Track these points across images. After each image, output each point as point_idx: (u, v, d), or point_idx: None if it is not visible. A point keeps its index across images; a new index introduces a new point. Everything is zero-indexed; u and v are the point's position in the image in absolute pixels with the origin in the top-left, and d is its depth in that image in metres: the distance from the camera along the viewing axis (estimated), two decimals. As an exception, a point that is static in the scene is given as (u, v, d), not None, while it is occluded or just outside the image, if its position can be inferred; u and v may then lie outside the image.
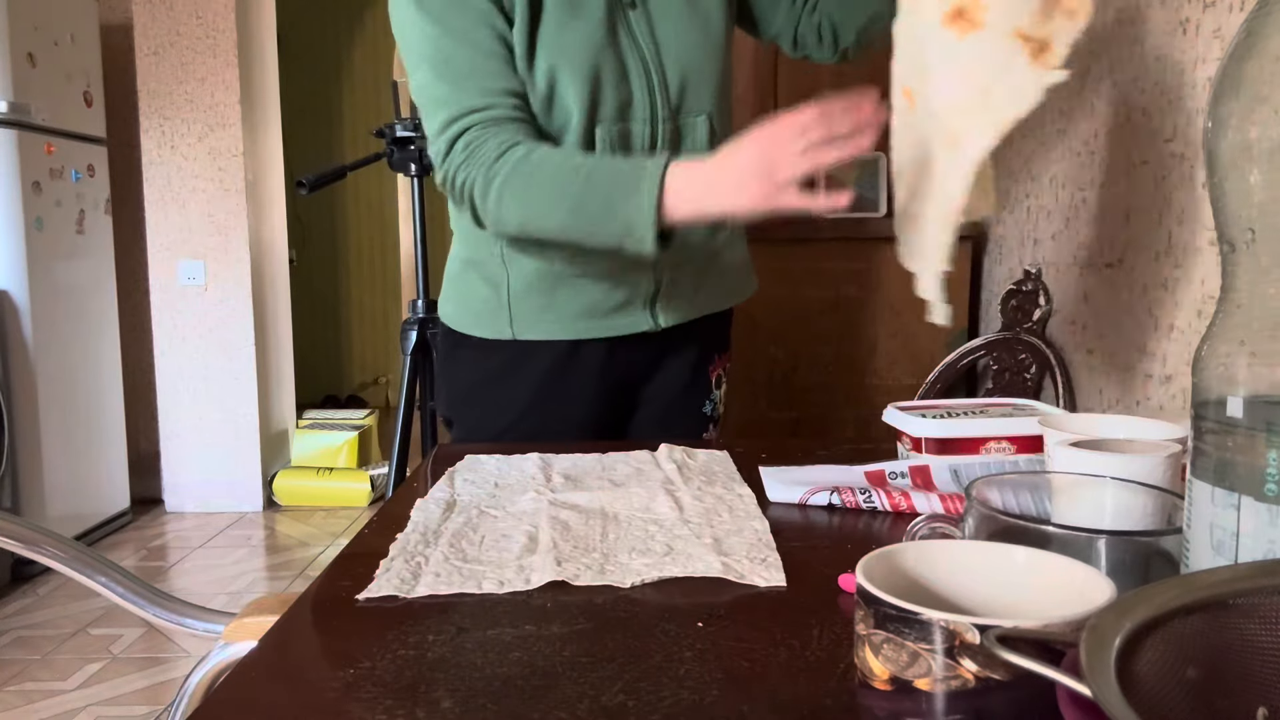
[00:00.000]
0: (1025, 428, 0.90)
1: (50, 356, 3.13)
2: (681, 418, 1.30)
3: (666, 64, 1.15)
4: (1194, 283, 1.42)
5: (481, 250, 1.21)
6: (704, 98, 1.18)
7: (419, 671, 0.53)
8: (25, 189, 3.01)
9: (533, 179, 1.03)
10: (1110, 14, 1.67)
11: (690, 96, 1.17)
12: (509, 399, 1.23)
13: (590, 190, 1.01)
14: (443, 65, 1.07)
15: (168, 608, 1.18)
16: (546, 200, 1.04)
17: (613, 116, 1.13)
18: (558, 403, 1.23)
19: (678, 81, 1.16)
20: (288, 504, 3.83)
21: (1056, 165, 1.92)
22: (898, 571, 0.50)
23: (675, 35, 1.16)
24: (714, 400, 1.33)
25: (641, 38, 1.14)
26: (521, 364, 1.22)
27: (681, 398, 1.30)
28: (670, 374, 1.29)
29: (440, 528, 0.79)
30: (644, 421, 1.31)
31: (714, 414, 1.34)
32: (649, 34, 1.15)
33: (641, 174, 0.99)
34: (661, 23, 1.16)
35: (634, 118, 1.14)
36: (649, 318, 1.22)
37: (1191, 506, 0.49)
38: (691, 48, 1.17)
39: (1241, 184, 0.45)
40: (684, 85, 1.17)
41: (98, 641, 2.55)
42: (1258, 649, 0.38)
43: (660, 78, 1.15)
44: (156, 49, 3.63)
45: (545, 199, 1.04)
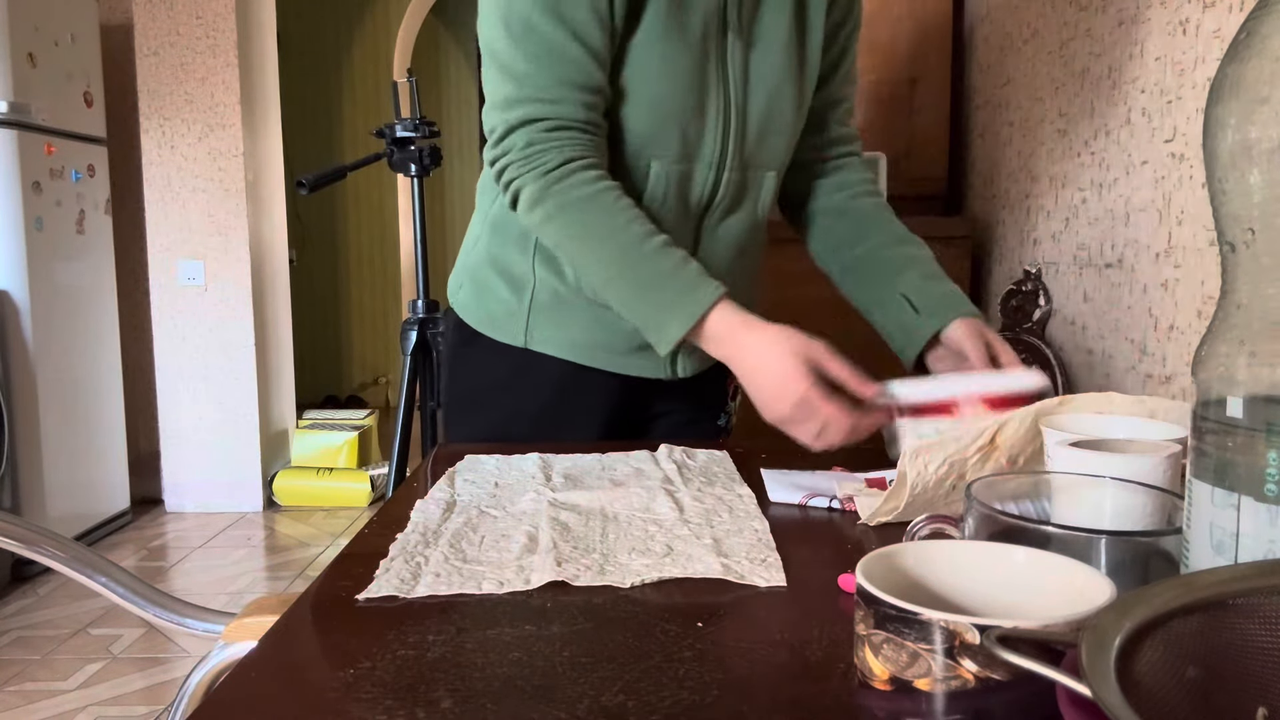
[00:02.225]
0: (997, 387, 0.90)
1: (50, 356, 3.13)
2: (694, 431, 1.23)
3: (751, 108, 1.04)
4: (1194, 283, 1.42)
5: (512, 251, 1.12)
6: (778, 152, 1.08)
7: (419, 671, 0.53)
8: (25, 189, 3.01)
9: (585, 227, 0.98)
10: (1110, 14, 1.67)
11: (766, 149, 1.07)
12: (513, 408, 1.17)
13: (635, 276, 0.97)
14: (523, 34, 0.95)
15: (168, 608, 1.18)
16: (589, 256, 0.99)
17: (675, 156, 1.02)
18: (563, 418, 1.16)
19: (757, 130, 1.05)
20: (288, 504, 3.83)
21: (1056, 165, 1.92)
22: (898, 571, 0.50)
23: (768, 74, 1.05)
24: (729, 412, 1.26)
25: (733, 71, 1.03)
26: (530, 374, 1.15)
27: (698, 412, 1.23)
28: (686, 393, 1.21)
29: (440, 528, 0.79)
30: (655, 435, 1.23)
31: (727, 425, 1.27)
32: (741, 67, 1.03)
33: (688, 299, 0.95)
34: (758, 54, 1.03)
35: (699, 160, 1.04)
36: (667, 367, 1.14)
37: (1191, 506, 0.49)
38: (781, 94, 1.06)
39: (1241, 184, 0.45)
40: (763, 135, 1.06)
41: (98, 641, 2.55)
42: (1258, 649, 0.38)
43: (740, 123, 1.04)
44: (156, 49, 3.63)
45: (589, 253, 0.99)
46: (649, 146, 1.02)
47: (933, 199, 2.41)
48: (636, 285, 0.97)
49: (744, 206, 1.10)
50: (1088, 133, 1.77)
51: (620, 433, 1.21)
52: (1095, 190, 1.74)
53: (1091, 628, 0.38)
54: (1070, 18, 1.84)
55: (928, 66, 2.35)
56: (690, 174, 1.04)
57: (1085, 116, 1.78)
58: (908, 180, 2.36)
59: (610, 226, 0.97)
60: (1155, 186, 1.53)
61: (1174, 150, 1.47)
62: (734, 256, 1.13)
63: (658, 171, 1.03)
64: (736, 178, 1.07)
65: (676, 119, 1.01)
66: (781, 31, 1.04)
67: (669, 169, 1.03)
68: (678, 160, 1.03)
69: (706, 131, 1.03)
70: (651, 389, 1.18)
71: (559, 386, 1.15)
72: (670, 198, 1.04)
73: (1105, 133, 1.70)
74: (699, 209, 1.08)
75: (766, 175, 1.09)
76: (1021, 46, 2.10)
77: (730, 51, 1.02)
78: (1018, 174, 2.12)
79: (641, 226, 0.98)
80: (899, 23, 2.34)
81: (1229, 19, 1.31)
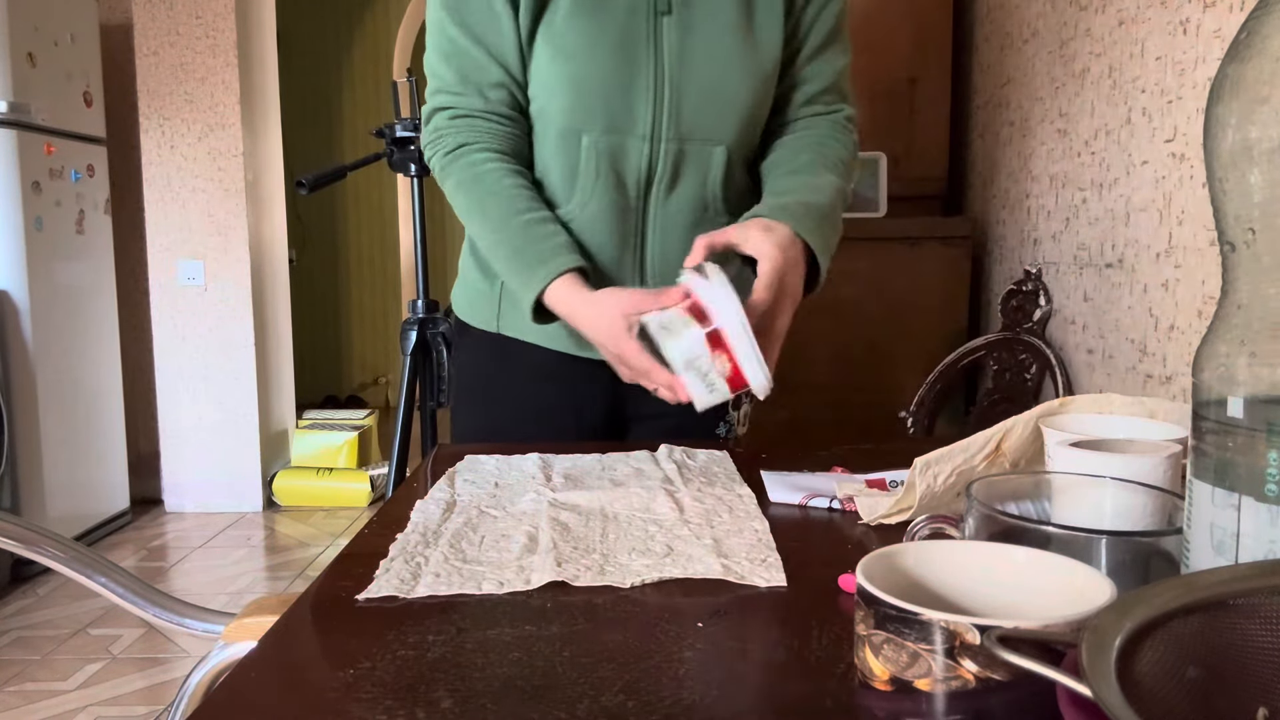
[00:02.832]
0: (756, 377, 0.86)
1: (50, 356, 3.13)
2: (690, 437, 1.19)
3: (686, 82, 1.07)
4: (1194, 283, 1.42)
5: None
6: (726, 127, 1.10)
7: (419, 671, 0.53)
8: (25, 189, 3.01)
9: (471, 201, 1.09)
10: (1110, 14, 1.67)
11: (708, 122, 1.09)
12: (496, 396, 1.20)
13: (506, 247, 1.07)
14: (438, 38, 1.10)
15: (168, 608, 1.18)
16: (475, 227, 1.11)
17: (604, 128, 1.07)
18: (546, 407, 1.18)
19: (695, 103, 1.08)
20: (287, 504, 3.83)
21: (1056, 165, 1.91)
22: (898, 572, 0.50)
23: (709, 53, 1.07)
24: (729, 421, 1.24)
25: (667, 48, 1.06)
26: (508, 361, 1.18)
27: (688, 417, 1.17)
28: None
29: (440, 528, 0.79)
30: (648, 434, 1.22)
31: (729, 435, 1.24)
32: (677, 46, 1.06)
33: (537, 273, 1.03)
34: (698, 36, 1.07)
35: (632, 132, 1.07)
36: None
37: (1191, 507, 0.49)
38: (726, 71, 1.08)
39: (1241, 184, 0.45)
40: (702, 109, 1.08)
41: (97, 642, 2.55)
42: (1258, 649, 0.38)
43: (674, 95, 1.07)
44: (156, 49, 3.63)
45: (475, 225, 1.11)
46: (577, 120, 1.08)
47: (933, 199, 2.41)
48: (506, 256, 1.07)
49: (689, 180, 1.11)
50: (1088, 133, 1.77)
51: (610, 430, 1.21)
52: (1095, 190, 1.74)
53: (1091, 628, 0.38)
54: (1070, 18, 1.84)
55: (928, 66, 2.35)
56: (623, 146, 1.09)
57: (1085, 116, 1.78)
58: (908, 180, 2.36)
59: (489, 202, 1.08)
60: (1155, 186, 1.53)
61: (1174, 150, 1.47)
62: (685, 234, 1.12)
63: (588, 144, 1.08)
64: (674, 149, 1.09)
65: (600, 93, 1.06)
66: (727, 12, 1.08)
67: (598, 140, 1.08)
68: (607, 132, 1.08)
69: (636, 104, 1.07)
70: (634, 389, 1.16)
71: (537, 374, 1.18)
72: (604, 170, 1.09)
73: (1105, 133, 1.70)
74: (640, 183, 1.11)
75: (715, 149, 1.11)
76: (1021, 46, 2.10)
77: (664, 30, 1.07)
78: (1018, 174, 2.12)
79: (521, 203, 1.07)
80: (899, 23, 2.34)
81: (1229, 19, 1.31)
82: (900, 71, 2.35)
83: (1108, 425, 0.75)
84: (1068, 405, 0.78)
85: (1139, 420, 0.75)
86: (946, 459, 0.75)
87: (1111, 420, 0.75)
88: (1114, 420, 0.75)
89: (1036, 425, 0.75)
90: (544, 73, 1.07)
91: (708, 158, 1.11)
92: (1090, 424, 0.75)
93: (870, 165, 2.26)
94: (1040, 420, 0.75)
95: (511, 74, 1.09)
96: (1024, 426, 0.75)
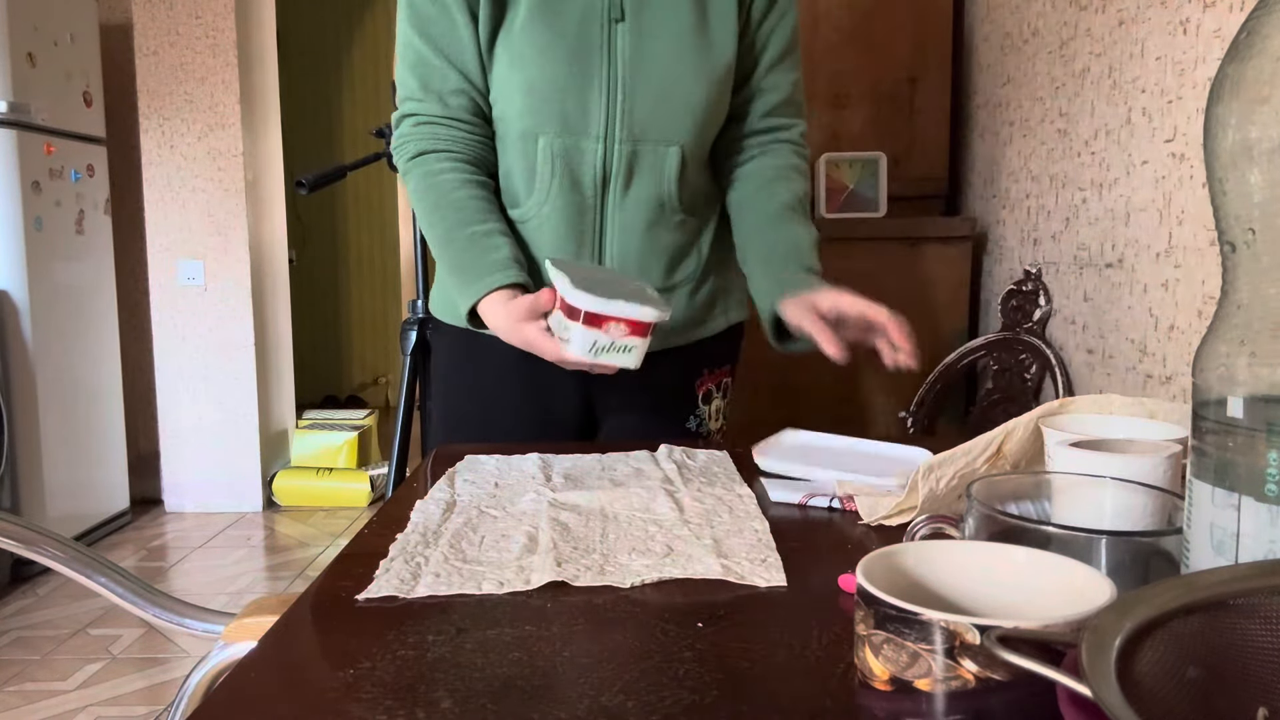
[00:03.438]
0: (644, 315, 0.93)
1: (50, 356, 3.13)
2: (659, 430, 1.24)
3: (639, 85, 1.11)
4: (1194, 283, 1.42)
5: None
6: (680, 128, 1.13)
7: (419, 671, 0.53)
8: (25, 189, 3.01)
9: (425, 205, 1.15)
10: (1110, 14, 1.67)
11: (661, 124, 1.13)
12: (466, 389, 1.25)
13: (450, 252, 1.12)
14: (404, 50, 1.16)
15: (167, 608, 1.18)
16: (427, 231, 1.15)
17: (558, 130, 1.11)
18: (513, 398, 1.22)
19: (649, 106, 1.11)
20: (287, 504, 3.83)
21: (1056, 165, 1.92)
22: (898, 572, 0.50)
23: (662, 57, 1.11)
24: (700, 416, 1.27)
25: (620, 53, 1.10)
26: (476, 354, 1.22)
27: (658, 410, 1.25)
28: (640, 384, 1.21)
29: (440, 528, 0.79)
30: (617, 429, 1.26)
31: (701, 429, 1.28)
32: (630, 50, 1.10)
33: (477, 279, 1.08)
34: (651, 41, 1.11)
35: (586, 134, 1.11)
36: None
37: (1191, 507, 0.49)
38: (678, 73, 1.12)
39: (1241, 184, 0.45)
40: (655, 110, 1.12)
41: (97, 642, 2.55)
42: (1258, 649, 0.38)
43: (627, 99, 1.11)
44: (156, 49, 3.63)
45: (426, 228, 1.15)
46: (534, 123, 1.12)
47: (933, 199, 2.41)
48: (450, 267, 1.12)
49: (644, 180, 1.15)
50: (1088, 133, 1.77)
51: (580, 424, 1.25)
52: (1095, 190, 1.74)
53: (1091, 628, 0.38)
54: (1070, 18, 1.84)
55: (928, 66, 2.35)
56: (579, 146, 1.13)
57: (1085, 116, 1.78)
58: (908, 180, 2.36)
59: (441, 210, 1.13)
60: (1155, 186, 1.53)
61: (1174, 150, 1.47)
62: (643, 233, 1.17)
63: (544, 145, 1.12)
64: (628, 149, 1.13)
65: (555, 97, 1.11)
66: (680, 19, 1.12)
67: (554, 142, 1.12)
68: (562, 133, 1.12)
69: (590, 106, 1.11)
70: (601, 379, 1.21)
71: (502, 366, 1.21)
72: (560, 171, 1.13)
73: (1105, 133, 1.70)
74: (596, 183, 1.15)
75: (669, 150, 1.14)
76: (1021, 46, 2.10)
77: (617, 36, 1.11)
78: (1018, 174, 2.12)
79: (471, 213, 1.12)
80: (899, 23, 2.34)
81: (1229, 19, 1.31)
82: (900, 71, 2.35)
83: (1108, 425, 0.75)
84: (1068, 406, 0.78)
85: (1139, 420, 0.75)
86: (949, 462, 0.75)
87: (1111, 420, 0.75)
88: (1114, 420, 0.75)
89: (1037, 426, 0.75)
90: (502, 79, 1.12)
91: (662, 158, 1.14)
92: (1090, 424, 0.75)
93: (870, 165, 2.27)
94: (1040, 420, 0.75)
95: (471, 81, 1.14)
96: (1025, 428, 0.76)
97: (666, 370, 1.23)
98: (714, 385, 1.29)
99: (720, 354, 1.29)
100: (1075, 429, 0.74)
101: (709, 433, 1.29)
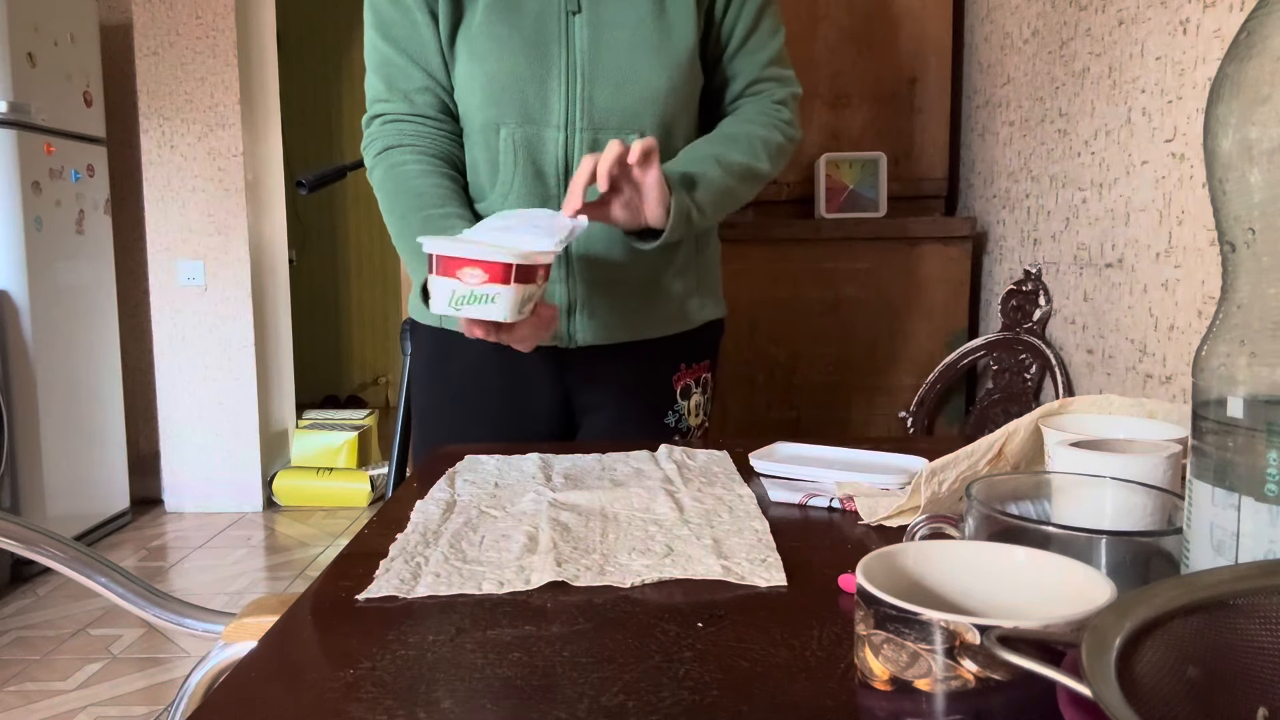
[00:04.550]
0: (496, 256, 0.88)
1: (50, 356, 3.13)
2: (638, 426, 1.25)
3: (598, 74, 1.12)
4: (1194, 283, 1.42)
5: None
6: (643, 115, 1.14)
7: (419, 671, 0.53)
8: (25, 189, 3.01)
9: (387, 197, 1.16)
10: (1110, 14, 1.67)
11: (623, 111, 1.14)
12: (441, 387, 1.25)
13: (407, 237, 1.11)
14: (370, 52, 1.19)
15: (168, 608, 1.18)
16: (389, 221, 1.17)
17: (519, 119, 1.13)
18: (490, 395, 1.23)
19: (609, 93, 1.13)
20: (287, 504, 3.83)
21: (1056, 165, 1.92)
22: (898, 571, 0.50)
23: (620, 46, 1.13)
24: (679, 411, 1.28)
25: (577, 44, 1.12)
26: (451, 353, 1.23)
27: (636, 407, 1.26)
28: (619, 381, 1.24)
29: (440, 528, 0.79)
30: (595, 426, 1.27)
31: (681, 425, 1.28)
32: (587, 41, 1.12)
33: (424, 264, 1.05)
34: (608, 32, 1.12)
35: (547, 123, 1.13)
36: (565, 334, 1.20)
37: (1191, 506, 0.49)
38: (636, 61, 1.13)
39: (1241, 184, 0.45)
40: (615, 98, 1.13)
41: (98, 641, 2.55)
42: (1258, 649, 0.38)
43: (586, 87, 1.12)
44: (156, 49, 3.63)
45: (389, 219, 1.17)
46: (495, 114, 1.14)
47: (933, 199, 2.41)
48: (405, 249, 1.13)
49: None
50: (1088, 133, 1.77)
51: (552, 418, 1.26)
52: (1095, 190, 1.74)
53: (1091, 628, 0.38)
54: (1070, 18, 1.84)
55: (928, 66, 2.35)
56: (540, 136, 1.14)
57: (1085, 116, 1.78)
58: (908, 180, 2.36)
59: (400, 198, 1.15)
60: (1155, 186, 1.53)
61: (1174, 150, 1.47)
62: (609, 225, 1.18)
63: (505, 136, 1.14)
64: (589, 138, 1.14)
65: (514, 88, 1.13)
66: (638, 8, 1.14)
67: (515, 132, 1.14)
68: (523, 124, 1.14)
69: (550, 97, 1.13)
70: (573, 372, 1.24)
71: (476, 363, 1.22)
72: (522, 160, 1.15)
73: (1105, 133, 1.70)
74: (559, 173, 1.15)
75: (629, 138, 1.13)
76: (1021, 46, 2.10)
77: (574, 28, 1.13)
78: (1018, 174, 2.12)
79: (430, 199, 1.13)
80: (899, 23, 2.34)
81: (1229, 19, 1.31)
82: (900, 71, 2.35)
83: (1108, 425, 0.75)
84: (1068, 406, 0.78)
85: (1139, 420, 0.75)
86: (952, 466, 0.75)
87: (1111, 420, 0.75)
88: (1114, 420, 0.75)
89: (1038, 427, 0.75)
90: (463, 74, 1.15)
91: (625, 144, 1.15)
92: (1090, 424, 0.75)
93: (870, 165, 2.26)
94: (1040, 421, 0.75)
95: (435, 78, 1.17)
96: (1025, 430, 0.76)
97: (642, 365, 1.24)
98: (693, 380, 1.29)
99: (697, 349, 1.30)
100: (1075, 429, 0.74)
101: (689, 429, 1.29)
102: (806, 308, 2.20)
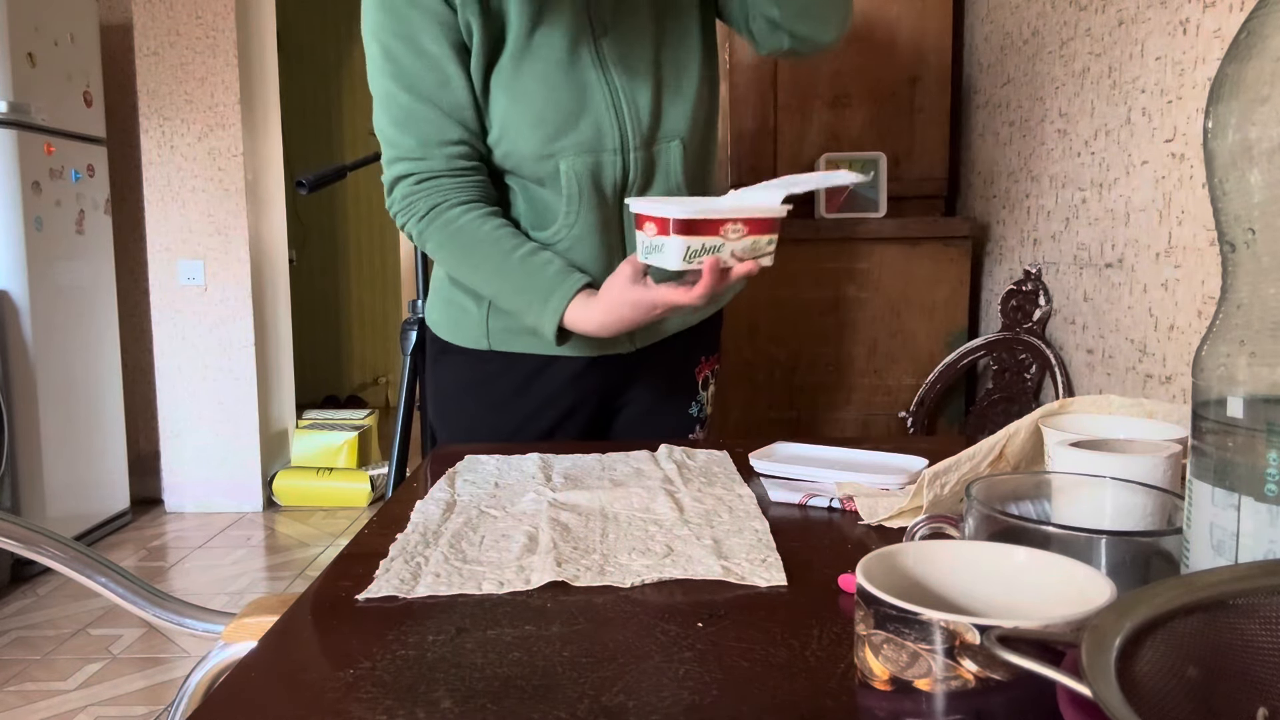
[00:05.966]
0: (759, 212, 0.96)
1: (50, 356, 3.13)
2: (666, 419, 1.29)
3: (638, 91, 1.12)
4: (1194, 283, 1.42)
5: None
6: (679, 120, 1.15)
7: (419, 671, 0.53)
8: (25, 189, 3.01)
9: (461, 255, 1.13)
10: (1110, 14, 1.67)
11: (665, 122, 1.15)
12: (488, 406, 1.24)
13: (510, 288, 1.11)
14: (387, 104, 1.12)
15: (168, 608, 1.18)
16: (474, 278, 1.14)
17: (577, 150, 1.11)
18: (536, 411, 1.23)
19: (650, 108, 1.13)
20: (287, 504, 3.83)
21: (1056, 165, 1.92)
22: (898, 571, 0.50)
23: (649, 58, 1.13)
24: (700, 401, 1.32)
25: (612, 67, 1.11)
26: (500, 374, 1.23)
27: (665, 400, 1.29)
28: (652, 378, 1.28)
29: (440, 528, 0.79)
30: (627, 423, 1.30)
31: (701, 415, 1.32)
32: (620, 61, 1.11)
33: (549, 297, 1.08)
34: (635, 46, 1.12)
35: (603, 149, 1.12)
36: (627, 340, 1.22)
37: (1191, 506, 0.49)
38: (667, 68, 1.14)
39: (1241, 184, 0.45)
40: (658, 111, 1.14)
41: (98, 641, 2.55)
42: (1258, 649, 0.38)
43: (632, 107, 1.12)
44: (156, 49, 3.63)
45: (472, 276, 1.14)
46: (549, 149, 1.11)
47: (933, 199, 2.41)
48: (512, 295, 1.11)
49: (657, 180, 1.17)
50: (1088, 133, 1.77)
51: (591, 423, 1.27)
52: (1095, 190, 1.74)
53: (1091, 628, 0.38)
54: (1070, 18, 1.84)
55: (928, 66, 2.35)
56: (599, 163, 1.12)
57: (1085, 116, 1.78)
58: (908, 180, 2.36)
59: (478, 251, 1.12)
60: (1155, 186, 1.53)
61: (1174, 150, 1.47)
62: None
63: (566, 169, 1.11)
64: (643, 155, 1.14)
65: (565, 123, 1.10)
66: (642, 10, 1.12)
67: (575, 163, 1.11)
68: (581, 153, 1.11)
69: (601, 123, 1.11)
70: (616, 376, 1.25)
71: (527, 380, 1.22)
72: (586, 189, 1.13)
73: (1105, 133, 1.70)
74: (616, 192, 1.15)
75: (671, 145, 1.15)
76: (1021, 46, 2.10)
77: (603, 47, 1.11)
78: (1018, 174, 2.12)
79: (507, 243, 1.11)
80: (899, 22, 2.34)
81: (1229, 19, 1.31)
82: (900, 71, 2.35)
83: (1108, 425, 0.75)
84: (1068, 406, 0.78)
85: (1139, 420, 0.75)
86: (954, 468, 0.75)
87: (1111, 420, 0.75)
88: (1114, 420, 0.75)
89: (1038, 428, 0.75)
90: (505, 116, 1.11)
91: (669, 154, 1.16)
92: (1090, 424, 0.75)
93: (870, 165, 2.26)
94: (1040, 421, 0.75)
95: (469, 129, 1.12)
96: (1026, 431, 0.76)
97: (675, 358, 1.28)
98: (710, 372, 1.34)
99: (712, 339, 1.34)
100: (1075, 429, 0.74)
101: (706, 419, 1.34)
102: (806, 308, 2.20)
